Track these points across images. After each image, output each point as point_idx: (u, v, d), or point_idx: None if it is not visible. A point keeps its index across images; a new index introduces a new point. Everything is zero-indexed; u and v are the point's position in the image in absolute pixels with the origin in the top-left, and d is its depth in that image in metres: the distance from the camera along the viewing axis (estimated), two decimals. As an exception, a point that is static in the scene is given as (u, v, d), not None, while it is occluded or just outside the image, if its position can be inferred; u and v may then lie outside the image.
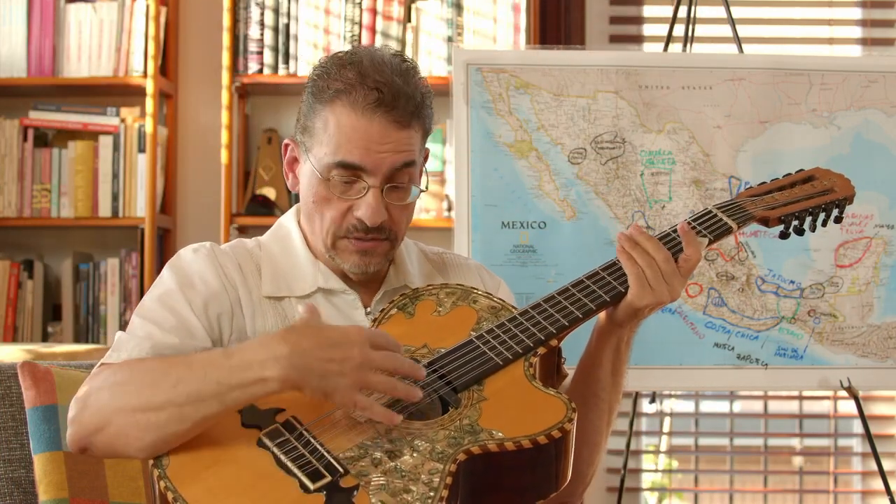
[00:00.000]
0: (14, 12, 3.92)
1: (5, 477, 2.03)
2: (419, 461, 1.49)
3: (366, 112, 1.73)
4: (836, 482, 4.23)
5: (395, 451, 1.50)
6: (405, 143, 1.75)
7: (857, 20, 4.27)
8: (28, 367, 2.04)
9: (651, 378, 2.75)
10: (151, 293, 1.79)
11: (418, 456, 1.49)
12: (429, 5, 3.89)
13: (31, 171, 3.90)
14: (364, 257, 1.79)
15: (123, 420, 1.57)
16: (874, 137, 2.78)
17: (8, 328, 3.87)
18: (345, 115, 1.74)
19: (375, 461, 1.49)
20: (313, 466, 1.48)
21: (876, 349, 2.76)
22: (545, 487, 1.57)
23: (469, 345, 1.65)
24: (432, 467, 1.48)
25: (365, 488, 1.45)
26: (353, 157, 1.73)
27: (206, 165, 4.04)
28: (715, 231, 1.78)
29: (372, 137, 1.73)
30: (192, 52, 4.10)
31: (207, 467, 1.49)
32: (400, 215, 1.79)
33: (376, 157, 1.73)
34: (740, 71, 2.77)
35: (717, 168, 2.76)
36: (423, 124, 1.79)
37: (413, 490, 1.45)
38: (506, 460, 1.52)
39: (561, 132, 2.74)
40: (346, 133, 1.74)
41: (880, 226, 2.78)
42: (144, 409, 1.55)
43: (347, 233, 1.78)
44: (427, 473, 1.47)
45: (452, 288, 1.77)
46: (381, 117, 1.73)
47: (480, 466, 1.52)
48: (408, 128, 1.75)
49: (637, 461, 4.25)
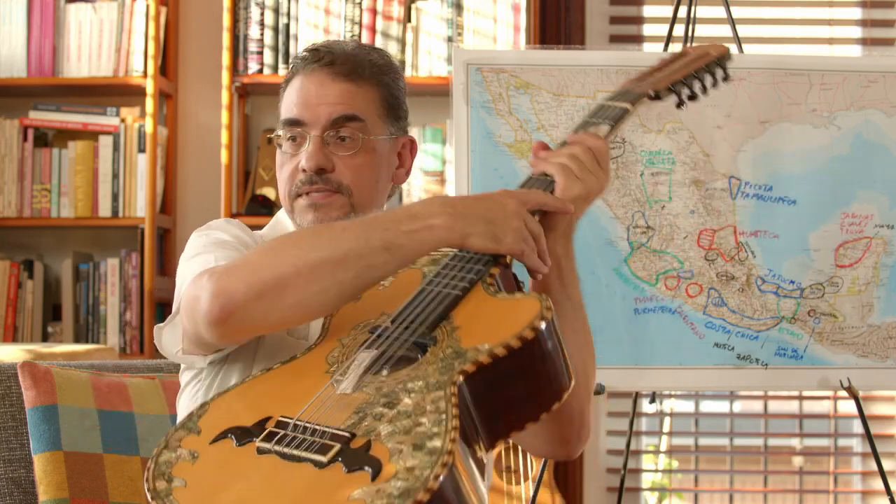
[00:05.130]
0: (14, 12, 3.92)
1: (5, 477, 2.03)
2: (419, 398, 1.45)
3: (306, 71, 1.84)
4: (836, 482, 4.23)
5: (392, 402, 1.46)
6: (344, 97, 1.82)
7: (857, 20, 4.28)
8: (28, 367, 2.04)
9: (651, 378, 2.75)
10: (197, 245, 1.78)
11: (416, 395, 1.46)
12: (429, 5, 3.89)
13: (31, 171, 3.90)
14: (318, 212, 1.81)
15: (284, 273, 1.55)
16: (874, 137, 2.78)
17: (8, 328, 3.87)
18: (293, 83, 1.86)
19: (377, 416, 1.45)
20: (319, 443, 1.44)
21: (876, 349, 2.76)
22: (549, 392, 1.53)
23: (423, 292, 1.61)
24: (434, 397, 1.44)
25: (377, 440, 1.41)
26: (293, 113, 1.84)
27: (206, 165, 4.04)
28: (611, 116, 1.79)
29: (310, 91, 1.83)
30: (192, 52, 4.10)
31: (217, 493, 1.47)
32: (348, 168, 1.82)
33: (314, 110, 1.82)
34: (740, 71, 2.76)
35: (717, 168, 2.76)
36: (375, 86, 1.85)
37: (424, 422, 1.41)
38: (501, 369, 1.49)
39: (561, 132, 2.73)
40: (290, 96, 1.86)
41: (880, 226, 2.78)
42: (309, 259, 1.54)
43: (298, 189, 1.83)
44: (431, 404, 1.44)
45: None
46: (317, 71, 1.83)
47: (481, 386, 1.48)
48: (348, 81, 1.82)
49: (637, 461, 4.25)
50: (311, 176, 1.81)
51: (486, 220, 1.56)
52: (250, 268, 1.58)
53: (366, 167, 1.84)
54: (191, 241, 1.82)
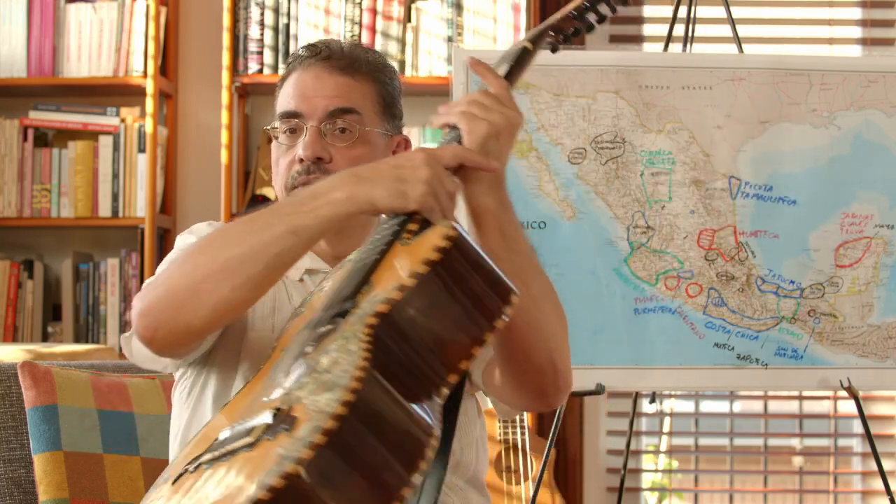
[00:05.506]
0: (14, 12, 3.92)
1: (5, 477, 2.03)
2: (336, 356, 1.34)
3: (303, 66, 1.85)
4: (836, 482, 4.23)
5: (313, 368, 1.35)
6: (341, 89, 1.82)
7: (857, 20, 4.28)
8: (28, 367, 2.04)
9: (651, 378, 2.75)
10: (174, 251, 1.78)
11: (334, 353, 1.34)
12: (429, 5, 3.89)
13: (31, 171, 3.90)
14: None
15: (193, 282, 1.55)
16: (874, 137, 2.78)
17: (8, 328, 3.87)
18: (289, 79, 1.86)
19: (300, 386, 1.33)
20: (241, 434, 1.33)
21: (876, 349, 2.76)
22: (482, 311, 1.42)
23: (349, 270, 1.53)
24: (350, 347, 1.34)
25: (297, 402, 1.29)
26: (290, 106, 1.83)
27: (206, 165, 4.04)
28: (511, 57, 1.78)
29: (307, 84, 1.83)
30: (192, 52, 4.10)
31: None
32: (345, 159, 1.80)
33: (311, 102, 1.82)
34: (740, 71, 2.76)
35: (717, 168, 2.76)
36: (371, 82, 1.86)
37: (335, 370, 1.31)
38: (418, 299, 1.39)
39: (561, 132, 2.73)
40: (287, 91, 1.85)
41: (880, 226, 2.78)
42: (217, 259, 1.54)
43: (294, 179, 1.82)
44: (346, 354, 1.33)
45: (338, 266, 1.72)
46: (315, 65, 1.84)
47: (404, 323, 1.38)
48: (345, 75, 1.83)
49: (637, 461, 4.25)
50: (309, 166, 1.80)
51: (391, 178, 1.49)
52: (166, 281, 1.60)
53: (363, 159, 1.81)
54: (174, 248, 1.82)
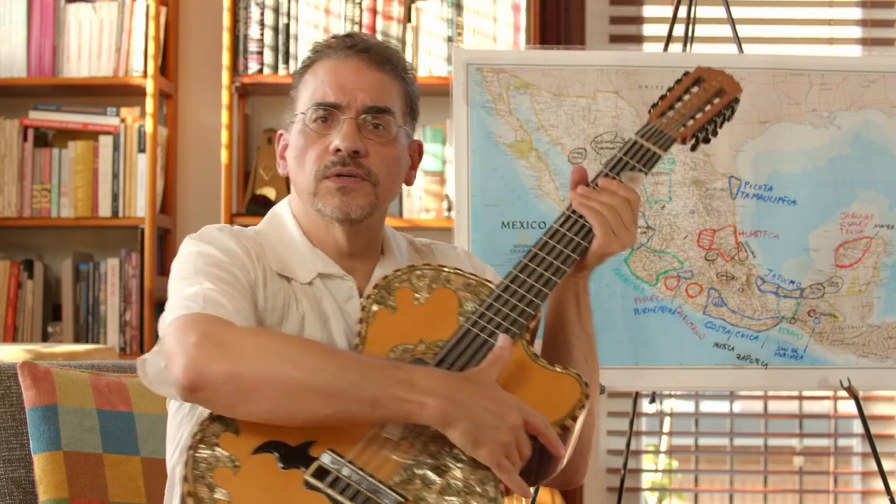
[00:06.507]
0: (14, 12, 3.92)
1: (5, 477, 2.03)
2: (467, 472, 1.52)
3: (339, 55, 1.83)
4: (836, 482, 4.23)
5: (439, 467, 1.52)
6: (379, 86, 1.82)
7: (857, 20, 4.28)
8: (28, 367, 2.04)
9: (651, 378, 2.75)
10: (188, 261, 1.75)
11: (464, 466, 1.52)
12: (429, 5, 3.89)
13: (31, 171, 3.90)
14: (345, 197, 1.78)
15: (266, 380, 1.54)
16: (874, 137, 2.78)
17: (8, 328, 3.87)
18: (322, 66, 1.84)
19: (427, 481, 1.50)
20: (372, 501, 1.48)
21: (876, 349, 2.76)
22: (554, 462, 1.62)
23: (467, 335, 1.65)
24: (482, 476, 1.52)
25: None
26: (328, 97, 1.81)
27: (206, 165, 4.04)
28: (648, 163, 1.83)
29: (346, 76, 1.81)
30: (192, 52, 4.10)
31: None
32: (378, 156, 1.81)
33: (350, 94, 1.80)
34: (740, 71, 2.76)
35: (717, 168, 2.76)
36: (402, 83, 1.86)
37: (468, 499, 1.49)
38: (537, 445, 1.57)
39: (561, 132, 2.74)
40: (322, 78, 1.82)
41: (880, 226, 2.78)
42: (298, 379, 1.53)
43: (327, 170, 1.79)
44: (479, 484, 1.51)
45: (421, 269, 1.76)
46: (354, 58, 1.82)
47: None
48: (382, 72, 1.83)
49: (637, 461, 4.25)
50: (345, 157, 1.78)
51: (476, 421, 1.53)
52: (236, 355, 1.56)
53: (393, 159, 1.84)
54: (183, 250, 1.79)
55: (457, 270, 1.77)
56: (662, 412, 4.27)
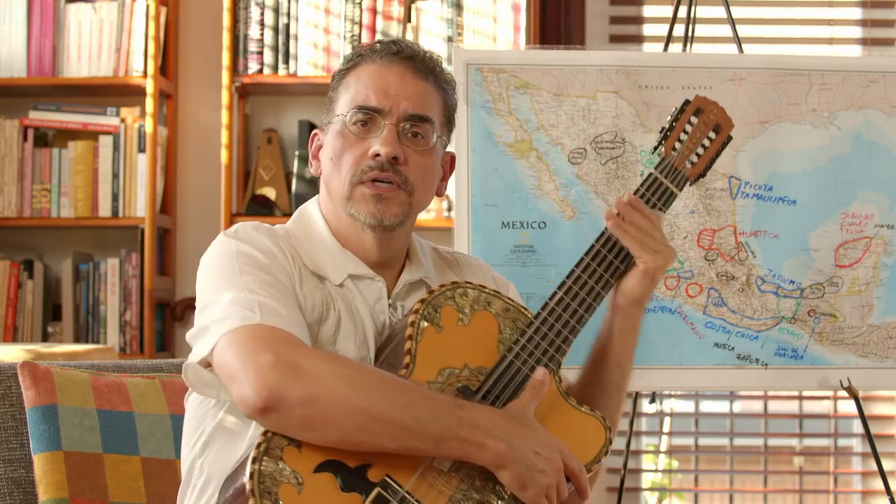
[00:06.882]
0: (14, 12, 3.92)
1: (5, 477, 2.03)
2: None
3: (384, 61, 1.82)
4: (836, 482, 4.23)
5: (482, 502, 1.62)
6: (422, 95, 1.82)
7: (857, 20, 4.28)
8: (28, 367, 2.04)
9: (651, 378, 2.75)
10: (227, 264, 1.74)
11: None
12: (429, 5, 3.89)
13: (31, 171, 3.90)
14: (379, 204, 1.79)
15: (340, 409, 1.56)
16: (874, 137, 2.78)
17: (8, 328, 3.87)
18: (365, 69, 1.82)
19: None
20: None
21: (876, 349, 2.76)
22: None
23: (510, 367, 1.71)
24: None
25: None
26: (370, 101, 1.80)
27: (206, 165, 4.04)
28: (667, 203, 1.88)
29: (390, 81, 1.80)
30: (192, 52, 4.10)
31: None
32: (416, 164, 1.81)
33: (393, 99, 1.79)
34: (740, 71, 2.76)
35: (716, 168, 2.75)
36: (443, 94, 1.86)
37: None
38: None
39: (561, 132, 2.74)
40: (364, 81, 1.81)
41: (880, 226, 2.78)
42: (370, 412, 1.57)
43: (364, 174, 1.79)
44: None
45: (463, 288, 1.78)
46: (398, 64, 1.81)
47: None
48: (426, 81, 1.83)
49: (637, 461, 4.25)
50: (384, 163, 1.78)
51: (527, 464, 1.61)
52: (314, 382, 1.58)
53: (429, 168, 1.84)
54: (218, 248, 1.77)
55: (496, 293, 1.80)
56: (662, 412, 4.27)
